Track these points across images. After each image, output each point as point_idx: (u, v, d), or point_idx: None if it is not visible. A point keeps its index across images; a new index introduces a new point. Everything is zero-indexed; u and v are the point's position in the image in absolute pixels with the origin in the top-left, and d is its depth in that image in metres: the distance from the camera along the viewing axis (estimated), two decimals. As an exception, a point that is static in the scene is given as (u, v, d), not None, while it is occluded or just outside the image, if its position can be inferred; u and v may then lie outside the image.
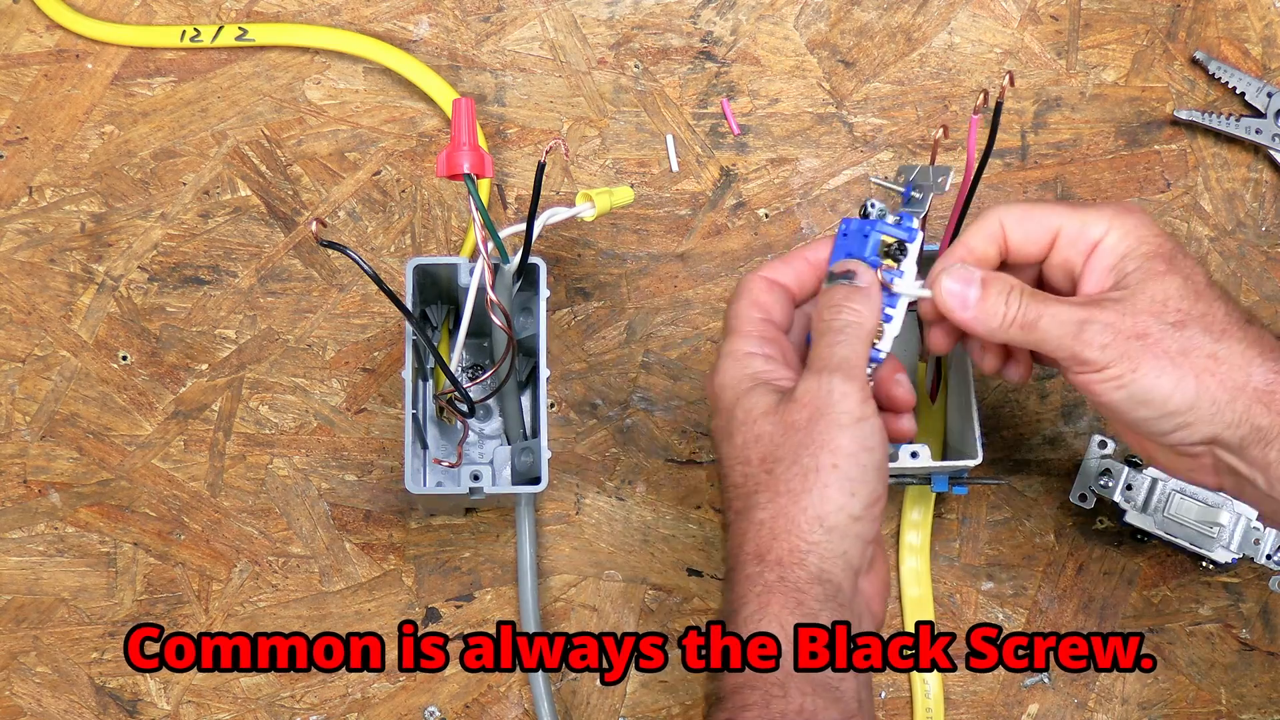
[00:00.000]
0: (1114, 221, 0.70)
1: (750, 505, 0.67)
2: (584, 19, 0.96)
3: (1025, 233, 0.72)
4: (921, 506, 0.88)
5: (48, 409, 0.89)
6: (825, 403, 0.67)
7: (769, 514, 0.66)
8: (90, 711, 0.85)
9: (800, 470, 0.66)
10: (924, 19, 0.97)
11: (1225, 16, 0.98)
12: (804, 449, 0.66)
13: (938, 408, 0.87)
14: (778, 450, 0.67)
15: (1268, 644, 0.88)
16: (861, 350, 0.69)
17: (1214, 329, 0.67)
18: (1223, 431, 0.67)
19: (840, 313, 0.70)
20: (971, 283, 0.70)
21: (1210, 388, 0.67)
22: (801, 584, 0.65)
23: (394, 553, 0.88)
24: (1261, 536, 0.85)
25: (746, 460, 0.68)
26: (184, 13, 0.96)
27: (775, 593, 0.65)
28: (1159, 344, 0.67)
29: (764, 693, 0.63)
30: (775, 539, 0.66)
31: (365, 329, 0.91)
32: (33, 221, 0.92)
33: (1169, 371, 0.67)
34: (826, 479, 0.66)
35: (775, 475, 0.67)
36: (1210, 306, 0.68)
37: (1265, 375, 0.67)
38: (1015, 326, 0.69)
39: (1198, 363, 0.67)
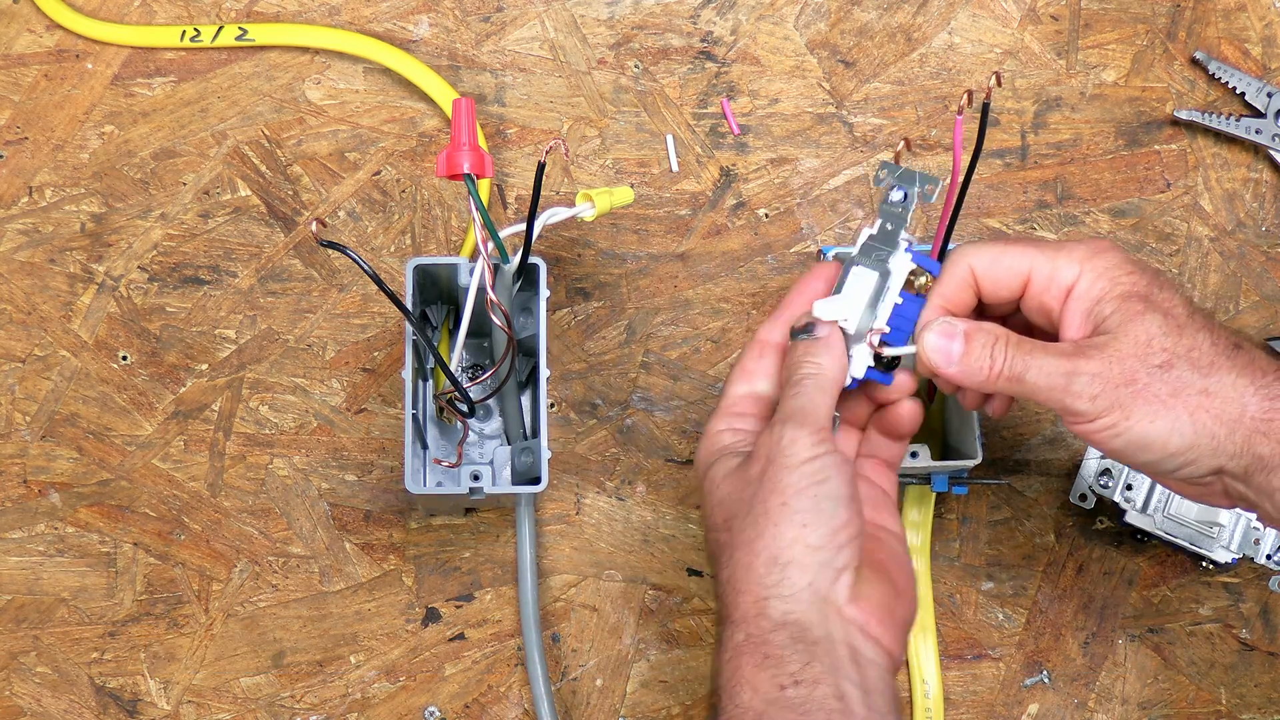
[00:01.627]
0: (1085, 265, 0.69)
1: (718, 567, 0.68)
2: (584, 19, 0.96)
3: (995, 278, 0.71)
4: (921, 506, 0.88)
5: (48, 409, 0.89)
6: (775, 450, 0.67)
7: (729, 571, 0.66)
8: (90, 711, 0.85)
9: (752, 519, 0.66)
10: (924, 19, 0.97)
11: (1225, 16, 0.98)
12: (756, 498, 0.66)
13: (937, 407, 0.87)
14: (735, 507, 0.67)
15: (1268, 644, 0.88)
16: (819, 399, 0.69)
17: (1201, 364, 0.66)
18: (1226, 463, 0.67)
19: (800, 367, 0.70)
20: (955, 337, 0.70)
21: (1206, 424, 0.66)
22: (765, 634, 0.64)
23: (394, 553, 0.88)
24: (1261, 536, 0.85)
25: (714, 526, 0.69)
26: (184, 13, 0.96)
27: (744, 653, 0.65)
28: (1148, 389, 0.66)
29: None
30: (739, 594, 0.66)
31: (365, 329, 0.91)
32: (33, 221, 0.92)
33: (1162, 415, 0.66)
34: (776, 518, 0.65)
35: (733, 530, 0.67)
36: (1195, 340, 0.67)
37: (1260, 404, 0.66)
38: (1002, 380, 0.69)
39: (1190, 401, 0.66)
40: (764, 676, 0.64)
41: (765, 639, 0.64)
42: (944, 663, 0.87)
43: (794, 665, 0.64)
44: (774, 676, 0.64)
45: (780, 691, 0.63)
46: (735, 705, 0.64)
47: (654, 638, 0.87)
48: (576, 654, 0.87)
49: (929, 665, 0.86)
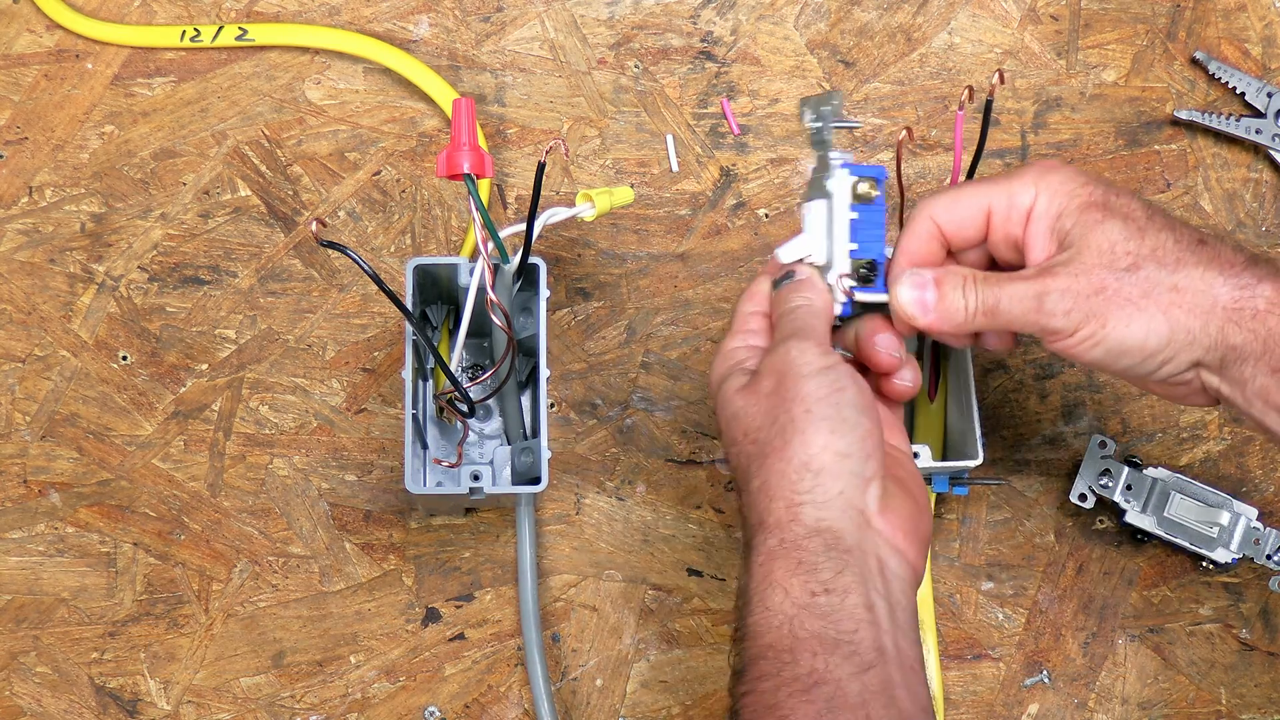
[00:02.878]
0: (1039, 184, 0.70)
1: (746, 478, 0.68)
2: (584, 19, 0.96)
3: (957, 220, 0.72)
4: (921, 506, 0.88)
5: (48, 409, 0.89)
6: (784, 363, 0.68)
7: (760, 480, 0.67)
8: (90, 711, 0.85)
9: (778, 428, 0.67)
10: (924, 19, 0.97)
11: (1225, 16, 0.98)
12: (778, 409, 0.67)
13: (937, 407, 0.87)
14: (755, 420, 0.68)
15: (1268, 644, 0.88)
16: (814, 321, 0.70)
17: (1167, 261, 0.67)
18: (1202, 355, 0.68)
19: (790, 300, 0.72)
20: (926, 286, 0.71)
21: (1180, 319, 0.67)
22: (800, 540, 0.65)
23: (394, 553, 0.88)
24: (1261, 536, 0.85)
25: (734, 441, 0.69)
26: (184, 13, 0.96)
27: (776, 558, 0.65)
28: (1119, 294, 0.67)
29: (774, 661, 0.63)
30: (771, 500, 0.66)
31: (365, 329, 0.91)
32: (33, 221, 0.92)
33: (1137, 317, 0.67)
34: (802, 425, 0.66)
35: (759, 442, 0.67)
36: (1158, 239, 0.68)
37: (1231, 292, 0.67)
38: (979, 316, 0.70)
39: (1162, 299, 0.67)
40: (796, 582, 0.64)
41: (799, 544, 0.65)
42: (944, 663, 0.87)
43: (826, 573, 0.64)
44: (805, 582, 0.64)
45: (812, 598, 0.64)
46: (765, 609, 0.65)
47: (654, 638, 0.87)
48: (576, 654, 0.87)
49: (929, 665, 0.86)
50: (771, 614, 0.64)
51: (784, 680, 0.63)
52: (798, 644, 0.63)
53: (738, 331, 0.74)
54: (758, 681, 0.64)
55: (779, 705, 0.62)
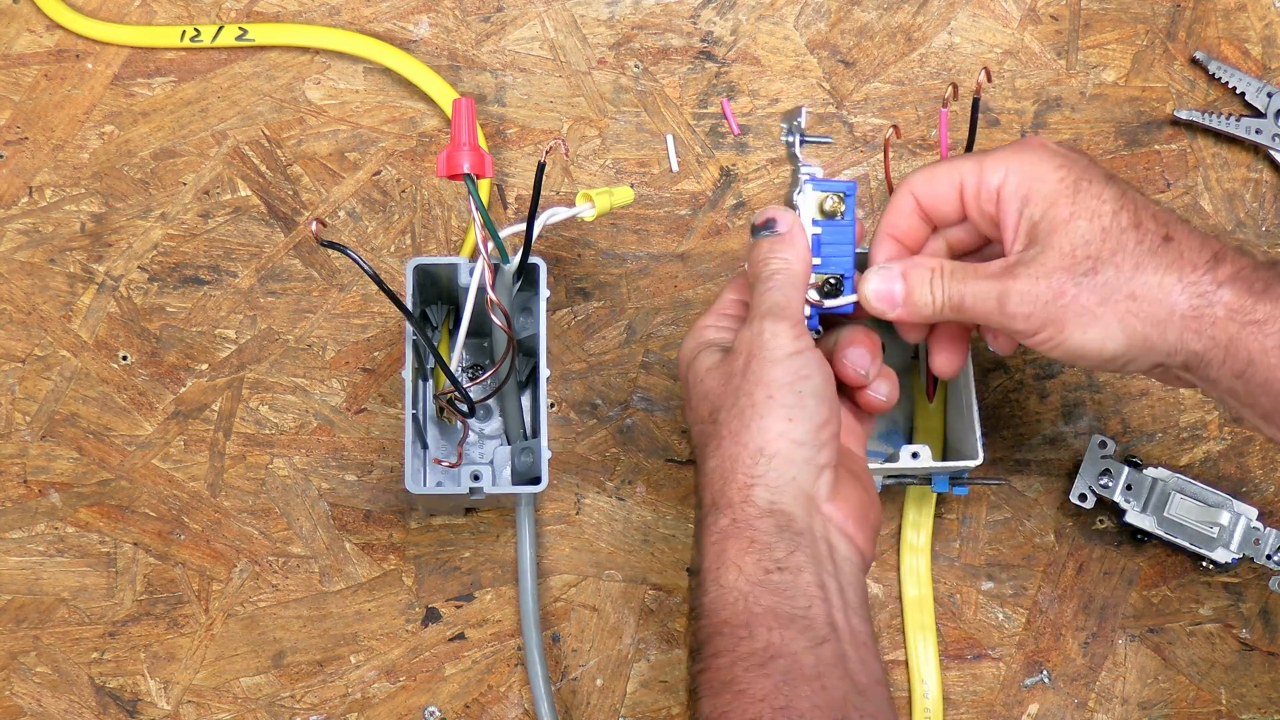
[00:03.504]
0: (1010, 163, 0.70)
1: (704, 457, 0.69)
2: (584, 19, 0.96)
3: (934, 195, 0.73)
4: (921, 507, 0.88)
5: (48, 409, 0.89)
6: (757, 344, 0.68)
7: (716, 460, 0.68)
8: (90, 711, 0.85)
9: (738, 410, 0.67)
10: (924, 19, 0.97)
11: (1225, 16, 0.98)
12: (741, 391, 0.68)
13: (937, 407, 0.87)
14: (720, 399, 0.69)
15: (1268, 644, 0.88)
16: (792, 294, 0.70)
17: (1126, 266, 0.67)
18: (1164, 359, 0.68)
19: (768, 263, 0.71)
20: (894, 279, 0.72)
21: (1136, 329, 0.67)
22: (752, 520, 0.66)
23: (394, 553, 0.88)
24: (1261, 536, 0.85)
25: (700, 419, 0.70)
26: (184, 13, 0.96)
27: (729, 537, 0.66)
28: (1076, 300, 0.67)
29: (730, 637, 0.64)
30: (725, 482, 0.67)
31: (365, 329, 0.91)
32: (33, 221, 0.92)
33: (1093, 326, 0.67)
34: (762, 410, 0.67)
35: (719, 422, 0.68)
36: (1121, 239, 0.67)
37: (1188, 301, 0.67)
38: (947, 310, 0.71)
39: (1118, 307, 0.67)
40: (749, 560, 0.65)
41: (751, 524, 0.66)
42: (944, 663, 0.87)
43: (779, 552, 0.65)
44: (759, 560, 0.65)
45: (765, 575, 0.65)
46: (720, 586, 0.65)
47: (654, 638, 0.87)
48: (576, 654, 0.87)
49: (929, 665, 0.86)
50: (726, 591, 0.65)
51: (740, 655, 0.63)
52: (753, 619, 0.64)
53: (713, 313, 0.75)
54: (714, 658, 0.64)
55: (736, 679, 0.63)
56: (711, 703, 0.63)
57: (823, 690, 0.62)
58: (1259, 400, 0.67)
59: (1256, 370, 0.66)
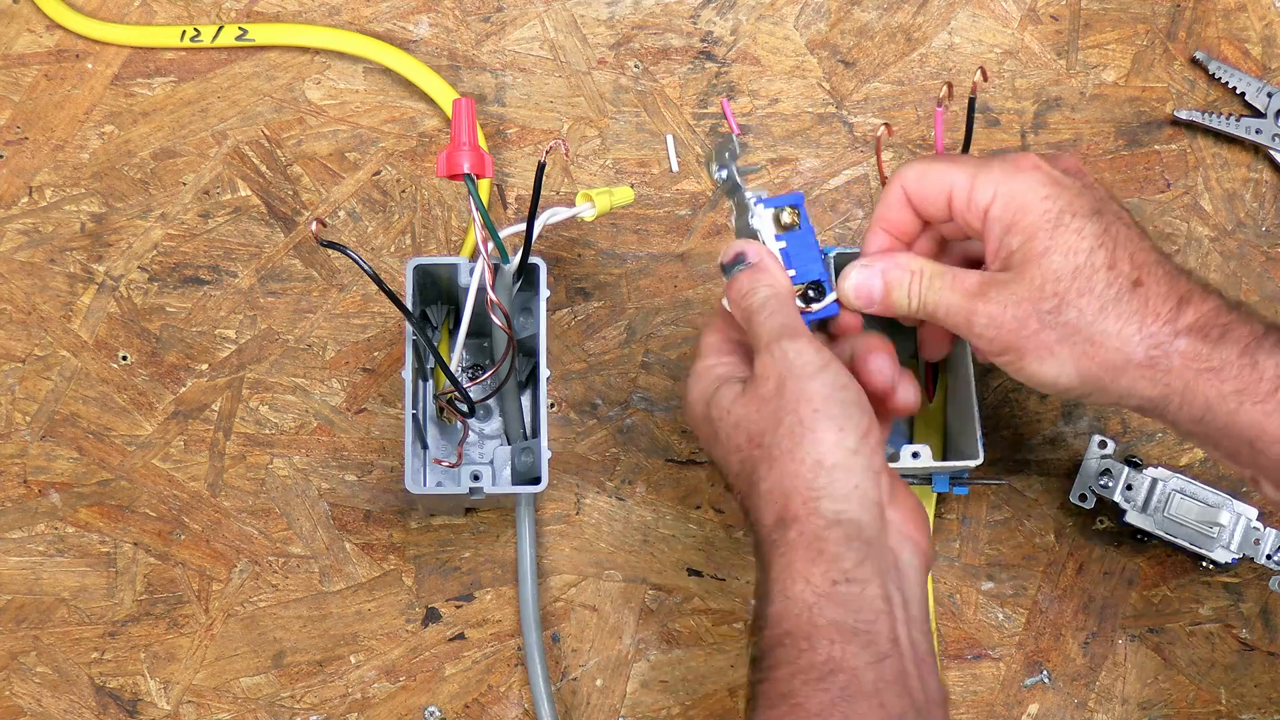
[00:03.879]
0: (1000, 186, 0.70)
1: (754, 482, 0.68)
2: (584, 19, 0.96)
3: (923, 195, 0.73)
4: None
5: (48, 409, 0.89)
6: (784, 365, 0.68)
7: (772, 481, 0.67)
8: (90, 711, 0.85)
9: (786, 429, 0.67)
10: (924, 19, 0.97)
11: (1225, 16, 0.98)
12: (782, 411, 0.67)
13: (937, 408, 0.87)
14: (759, 424, 0.68)
15: (1268, 644, 0.88)
16: (792, 313, 0.71)
17: (1090, 309, 0.68)
18: (1118, 401, 0.69)
19: (756, 292, 0.71)
20: (874, 277, 0.73)
21: (1091, 371, 0.68)
22: (820, 531, 0.65)
23: (394, 553, 0.88)
24: (1261, 536, 0.85)
25: (737, 448, 0.69)
26: (184, 13, 0.96)
27: (796, 549, 0.65)
28: (1037, 335, 0.68)
29: (792, 649, 0.64)
30: (787, 499, 0.66)
31: (365, 329, 0.91)
32: (33, 221, 0.92)
33: (1049, 361, 0.69)
34: (812, 424, 0.67)
35: (765, 446, 0.68)
36: (1090, 281, 0.68)
37: (1145, 349, 0.68)
38: (922, 314, 0.73)
39: (1076, 349, 0.68)
40: (817, 571, 0.65)
41: (819, 535, 0.65)
42: (944, 663, 0.87)
43: (848, 562, 0.65)
44: (827, 571, 0.64)
45: (833, 586, 0.64)
46: (786, 597, 0.65)
47: (654, 638, 0.87)
48: (576, 654, 0.87)
49: (929, 665, 0.86)
50: (792, 602, 0.65)
51: (800, 668, 0.63)
52: (816, 631, 0.64)
53: (708, 353, 0.75)
54: (773, 669, 0.64)
55: (794, 693, 0.63)
56: (768, 714, 0.63)
57: (880, 708, 0.62)
58: (1221, 442, 0.69)
59: (1215, 415, 0.68)
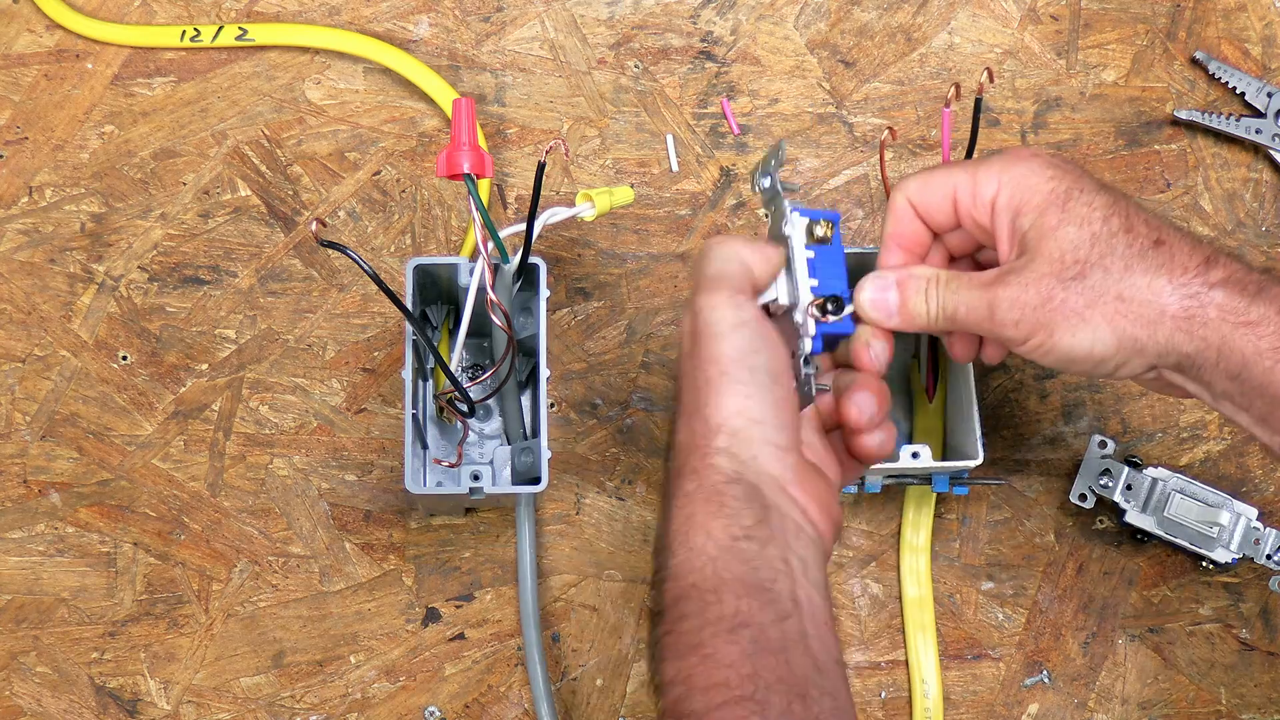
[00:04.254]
0: (1003, 176, 0.70)
1: (672, 433, 0.68)
2: (584, 19, 0.96)
3: (928, 203, 0.73)
4: (921, 507, 0.88)
5: (48, 409, 0.89)
6: (698, 321, 0.67)
7: (683, 435, 0.67)
8: (90, 711, 0.85)
9: (694, 386, 0.67)
10: (924, 19, 0.97)
11: (1225, 16, 0.98)
12: (696, 369, 0.67)
13: (937, 407, 0.87)
14: (681, 375, 0.68)
15: (1268, 644, 0.88)
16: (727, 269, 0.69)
17: (1115, 268, 0.67)
18: (1156, 361, 0.68)
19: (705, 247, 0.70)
20: (889, 288, 0.72)
21: (1126, 329, 0.67)
22: (719, 485, 0.65)
23: (394, 553, 0.88)
24: (1261, 536, 0.85)
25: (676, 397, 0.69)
26: (184, 13, 0.96)
27: (696, 501, 0.65)
28: (1065, 304, 0.67)
29: (698, 601, 0.63)
30: (690, 453, 0.66)
31: (365, 329, 0.91)
32: (33, 221, 0.92)
33: (1081, 329, 0.68)
34: (717, 386, 0.66)
35: (681, 401, 0.68)
36: (1110, 244, 0.68)
37: (1180, 300, 0.67)
38: (941, 320, 0.71)
39: (1107, 309, 0.67)
40: (718, 524, 0.64)
41: (719, 489, 0.65)
42: (944, 663, 0.87)
43: (747, 519, 0.64)
44: (727, 526, 0.64)
45: (733, 541, 0.64)
46: (688, 548, 0.64)
47: (654, 638, 0.87)
48: (576, 654, 0.87)
49: (929, 665, 0.86)
50: (694, 554, 0.64)
51: (708, 620, 0.63)
52: (722, 585, 0.63)
53: None
54: (680, 621, 0.63)
55: (703, 644, 0.62)
56: (676, 665, 0.62)
57: (786, 664, 0.62)
58: (1254, 403, 0.67)
59: (1251, 373, 0.66)
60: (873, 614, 0.88)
